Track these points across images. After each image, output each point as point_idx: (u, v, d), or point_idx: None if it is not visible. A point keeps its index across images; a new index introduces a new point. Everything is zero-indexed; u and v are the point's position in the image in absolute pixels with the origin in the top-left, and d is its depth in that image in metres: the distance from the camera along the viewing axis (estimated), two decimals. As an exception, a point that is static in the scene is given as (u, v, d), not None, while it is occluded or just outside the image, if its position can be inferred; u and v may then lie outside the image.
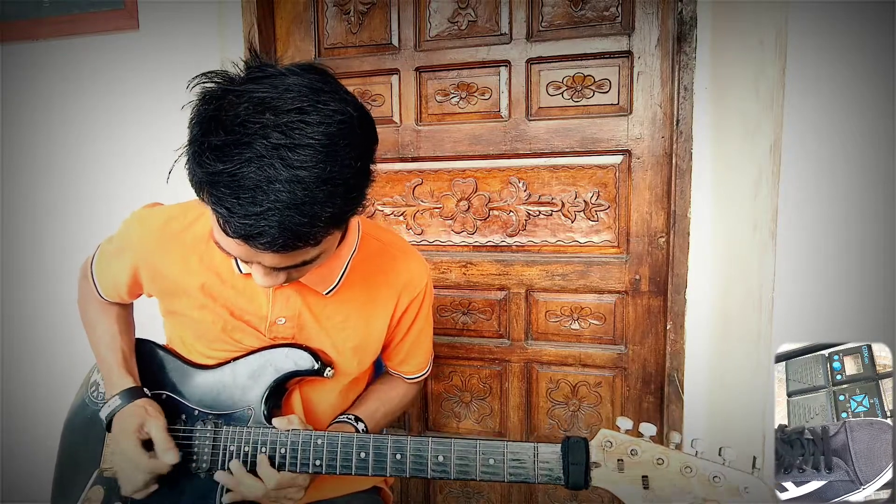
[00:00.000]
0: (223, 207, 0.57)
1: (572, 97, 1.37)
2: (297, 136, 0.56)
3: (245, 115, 0.57)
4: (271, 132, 0.56)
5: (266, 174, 0.55)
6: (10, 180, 1.67)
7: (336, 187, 0.59)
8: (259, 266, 0.66)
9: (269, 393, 0.84)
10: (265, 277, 0.68)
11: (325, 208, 0.58)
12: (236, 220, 0.57)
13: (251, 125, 0.56)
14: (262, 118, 0.56)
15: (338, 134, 0.58)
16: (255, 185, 0.56)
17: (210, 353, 0.88)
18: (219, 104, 0.59)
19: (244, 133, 0.56)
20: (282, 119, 0.56)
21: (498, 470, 0.71)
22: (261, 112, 0.57)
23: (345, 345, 0.88)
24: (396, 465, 0.74)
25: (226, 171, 0.56)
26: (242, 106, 0.57)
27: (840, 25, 0.87)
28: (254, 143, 0.56)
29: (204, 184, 0.59)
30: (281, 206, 0.56)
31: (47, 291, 1.67)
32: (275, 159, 0.55)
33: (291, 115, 0.57)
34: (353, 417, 0.89)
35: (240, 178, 0.56)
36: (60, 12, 1.55)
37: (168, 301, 0.88)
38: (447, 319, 1.50)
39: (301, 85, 0.59)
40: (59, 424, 0.97)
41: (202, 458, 0.82)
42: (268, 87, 0.58)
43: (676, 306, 1.31)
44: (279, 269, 0.66)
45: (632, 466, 0.67)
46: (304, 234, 0.59)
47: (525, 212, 1.43)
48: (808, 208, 0.91)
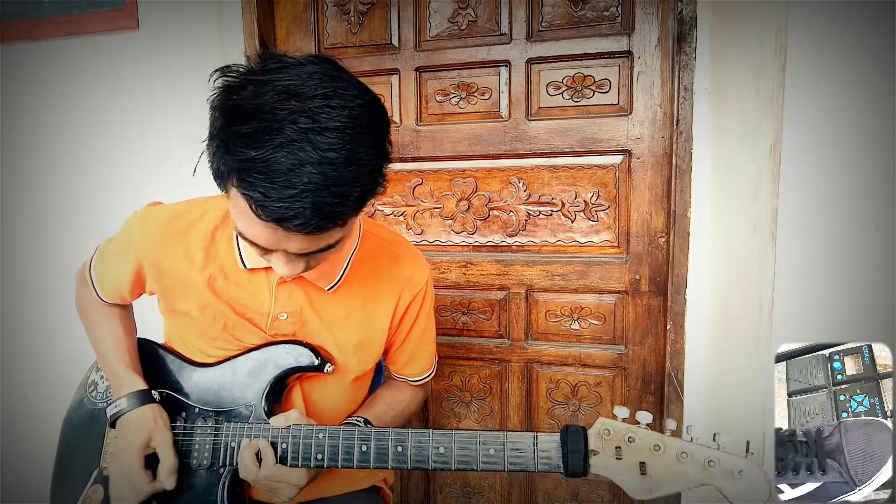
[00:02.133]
0: (257, 192, 0.59)
1: (572, 97, 1.37)
2: (323, 120, 0.59)
3: (273, 103, 0.59)
4: (299, 117, 0.58)
5: (298, 157, 0.58)
6: (10, 180, 1.67)
7: (362, 167, 0.61)
8: (282, 254, 0.68)
9: (270, 389, 0.84)
10: (287, 265, 0.69)
11: (354, 187, 0.61)
12: (272, 204, 0.58)
13: (280, 111, 0.58)
14: (288, 104, 0.59)
15: (360, 116, 0.61)
16: (288, 169, 0.58)
17: (210, 351, 0.88)
18: (242, 94, 0.61)
19: (274, 119, 0.58)
20: (308, 105, 0.59)
21: (498, 459, 0.72)
22: (286, 99, 0.59)
23: (347, 342, 0.88)
24: (398, 458, 0.75)
25: (258, 157, 0.58)
26: (268, 94, 0.59)
27: (840, 25, 0.87)
28: (284, 129, 0.58)
29: (234, 171, 0.60)
30: (314, 187, 0.58)
31: (47, 291, 1.67)
32: (304, 143, 0.58)
33: (317, 101, 0.59)
34: (361, 420, 0.89)
35: (272, 162, 0.58)
36: (60, 12, 1.55)
37: (171, 299, 0.88)
38: (447, 319, 1.50)
39: (320, 73, 0.62)
40: (58, 424, 0.97)
41: (202, 455, 0.82)
42: (290, 76, 0.61)
43: (676, 306, 1.31)
44: (302, 255, 0.68)
45: (629, 453, 0.68)
46: (335, 213, 0.61)
47: (525, 212, 1.43)
48: (808, 208, 0.91)
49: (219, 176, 0.64)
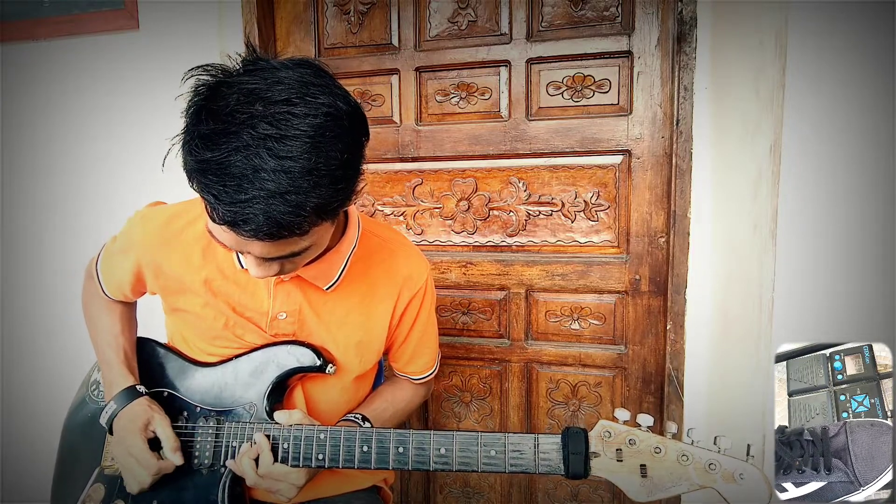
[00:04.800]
0: (210, 194, 0.59)
1: (572, 97, 1.37)
2: (283, 127, 0.58)
3: (234, 105, 0.58)
4: (259, 122, 0.57)
5: (252, 163, 0.57)
6: (10, 180, 1.67)
7: (321, 178, 0.60)
8: (251, 256, 0.68)
9: (272, 389, 0.84)
10: (258, 268, 0.69)
11: (310, 198, 0.60)
12: (222, 207, 0.58)
13: (239, 115, 0.58)
14: (250, 108, 0.58)
15: (324, 126, 0.60)
16: (241, 174, 0.57)
17: (212, 350, 0.88)
18: (210, 94, 0.61)
19: (232, 122, 0.58)
20: (270, 110, 0.58)
21: (499, 461, 0.72)
22: (250, 102, 0.59)
23: (347, 341, 0.88)
24: (399, 458, 0.75)
25: (213, 160, 0.58)
26: (233, 96, 0.59)
27: (840, 25, 0.87)
28: (241, 133, 0.57)
29: (193, 172, 0.60)
30: (265, 194, 0.57)
31: (47, 291, 1.67)
32: (261, 149, 0.57)
33: (279, 107, 0.58)
34: (359, 417, 0.89)
35: (226, 166, 0.57)
36: (60, 12, 1.55)
37: (171, 298, 0.88)
38: (447, 319, 1.50)
39: (292, 78, 0.61)
40: (59, 423, 0.97)
41: (204, 455, 0.83)
42: (258, 79, 0.60)
43: (676, 306, 1.31)
44: (270, 259, 0.67)
45: (630, 456, 0.68)
46: (288, 223, 0.60)
47: (525, 212, 1.43)
48: (808, 208, 0.91)
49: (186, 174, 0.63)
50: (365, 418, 0.89)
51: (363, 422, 0.88)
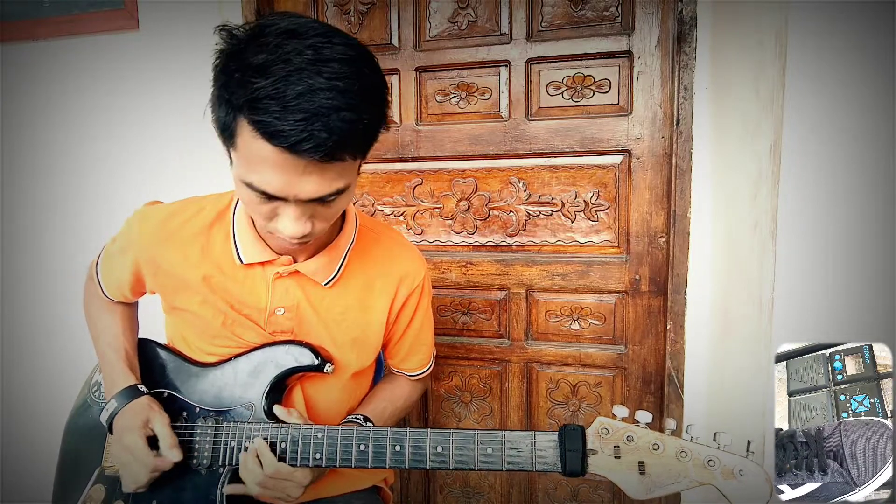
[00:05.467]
0: (271, 117, 0.60)
1: (572, 97, 1.37)
2: (327, 53, 0.61)
3: (276, 41, 0.61)
4: (305, 50, 0.60)
5: (308, 83, 0.59)
6: (10, 180, 1.67)
7: (369, 96, 0.64)
8: (291, 208, 0.67)
9: (270, 389, 0.84)
10: (296, 222, 0.68)
11: (363, 114, 0.63)
12: (287, 127, 0.59)
13: (285, 46, 0.61)
14: (292, 41, 0.61)
15: (360, 57, 0.64)
16: (300, 94, 0.59)
17: (211, 349, 0.89)
18: (247, 37, 0.63)
19: (281, 52, 0.60)
20: (309, 41, 0.61)
21: (495, 459, 0.72)
22: (289, 38, 0.61)
23: (344, 337, 0.89)
24: (396, 457, 0.74)
25: (269, 85, 0.59)
26: (270, 36, 0.62)
27: (840, 25, 0.87)
28: (292, 59, 0.60)
29: (246, 104, 0.61)
30: (325, 110, 0.60)
31: (47, 291, 1.67)
32: (313, 72, 0.60)
33: (317, 38, 0.62)
34: (361, 417, 0.90)
35: (283, 88, 0.59)
36: (60, 12, 1.55)
37: (170, 297, 0.88)
38: (447, 319, 1.50)
39: (313, 21, 0.64)
40: (59, 424, 0.97)
41: (203, 455, 0.83)
42: (289, 22, 0.63)
43: (676, 306, 1.31)
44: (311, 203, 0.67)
45: (628, 452, 0.68)
46: (348, 137, 0.62)
47: (525, 212, 1.43)
48: (808, 208, 0.91)
49: (229, 123, 0.64)
50: (367, 418, 0.89)
51: (365, 422, 0.89)
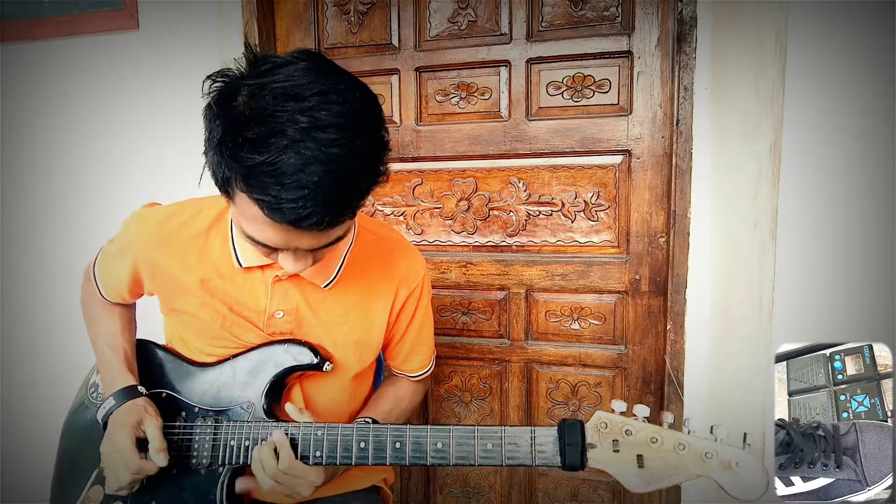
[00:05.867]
0: (269, 195, 0.59)
1: (572, 97, 1.37)
2: (323, 118, 0.59)
3: (273, 106, 0.59)
4: (299, 117, 0.58)
5: (304, 157, 0.58)
6: (10, 180, 1.67)
7: (365, 158, 0.63)
8: (290, 252, 0.68)
9: (269, 388, 0.84)
10: (296, 262, 0.69)
11: (360, 179, 0.63)
12: (285, 206, 0.59)
13: (280, 114, 0.59)
14: (287, 105, 0.59)
15: (358, 110, 0.62)
16: (297, 170, 0.58)
17: (210, 350, 0.88)
18: (240, 100, 0.61)
19: (276, 122, 0.58)
20: (306, 104, 0.59)
21: (495, 454, 0.72)
22: (285, 100, 0.59)
23: (345, 339, 0.88)
24: (396, 454, 0.75)
25: (266, 162, 0.58)
26: (267, 98, 0.59)
27: (840, 25, 0.87)
28: (286, 130, 0.58)
29: (241, 178, 0.60)
30: (323, 185, 0.59)
31: (47, 291, 1.67)
32: (308, 141, 0.58)
33: (314, 100, 0.59)
34: (370, 420, 0.88)
35: (280, 165, 0.58)
36: (60, 12, 1.55)
37: (169, 299, 0.88)
38: (447, 319, 1.50)
39: (313, 70, 0.62)
40: (59, 424, 0.97)
41: (202, 454, 0.82)
42: (285, 77, 0.61)
43: (676, 306, 1.31)
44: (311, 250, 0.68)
45: (627, 446, 0.68)
46: (345, 207, 0.63)
47: (525, 212, 1.43)
48: (808, 208, 0.91)
49: (225, 183, 0.63)
50: (375, 421, 0.89)
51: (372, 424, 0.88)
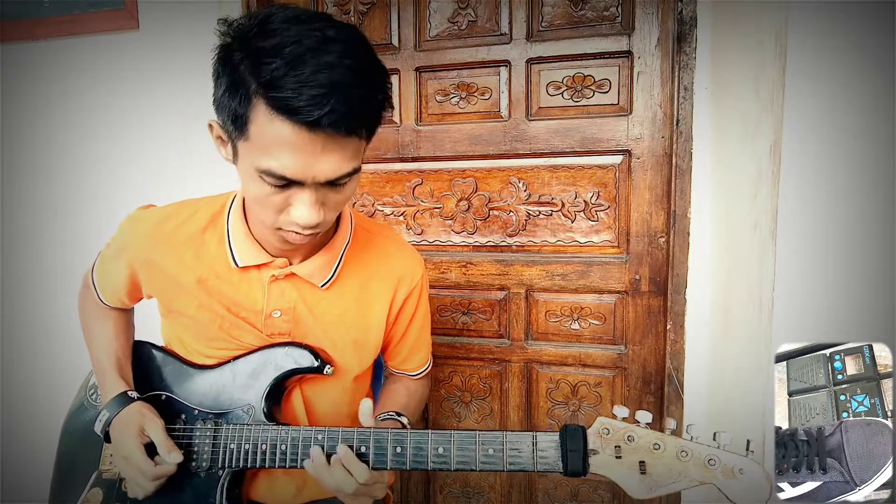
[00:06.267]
0: (289, 92, 0.60)
1: (572, 97, 1.37)
2: (331, 34, 0.63)
3: (283, 27, 0.63)
4: (312, 33, 0.62)
5: (322, 60, 0.61)
6: (9, 180, 1.67)
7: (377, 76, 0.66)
8: (306, 194, 0.68)
9: (269, 391, 0.84)
10: (311, 208, 0.68)
11: (374, 90, 0.65)
12: (307, 102, 0.60)
13: (292, 29, 0.62)
14: (297, 26, 0.63)
15: (362, 41, 0.67)
16: (315, 70, 0.61)
17: (209, 352, 0.88)
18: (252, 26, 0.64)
19: (290, 35, 0.62)
20: (312, 25, 0.63)
21: (497, 460, 0.72)
22: (294, 23, 0.63)
23: (344, 339, 0.88)
24: (397, 459, 0.74)
25: (284, 64, 0.61)
26: (275, 23, 0.63)
27: (840, 25, 0.87)
28: (302, 40, 0.62)
29: (262, 86, 0.62)
30: (341, 86, 0.61)
31: (47, 291, 1.67)
32: (323, 49, 0.62)
33: (317, 22, 0.64)
34: (395, 413, 0.88)
35: (299, 66, 0.61)
36: (60, 12, 1.55)
37: (167, 300, 0.88)
38: (447, 319, 1.50)
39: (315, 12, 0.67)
40: (59, 424, 0.97)
41: (202, 458, 0.82)
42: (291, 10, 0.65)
43: (676, 306, 1.31)
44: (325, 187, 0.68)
45: (629, 452, 0.68)
46: (366, 110, 0.65)
47: (525, 212, 1.43)
48: (808, 208, 0.91)
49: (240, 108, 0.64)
50: (400, 413, 0.88)
51: (399, 416, 0.87)
